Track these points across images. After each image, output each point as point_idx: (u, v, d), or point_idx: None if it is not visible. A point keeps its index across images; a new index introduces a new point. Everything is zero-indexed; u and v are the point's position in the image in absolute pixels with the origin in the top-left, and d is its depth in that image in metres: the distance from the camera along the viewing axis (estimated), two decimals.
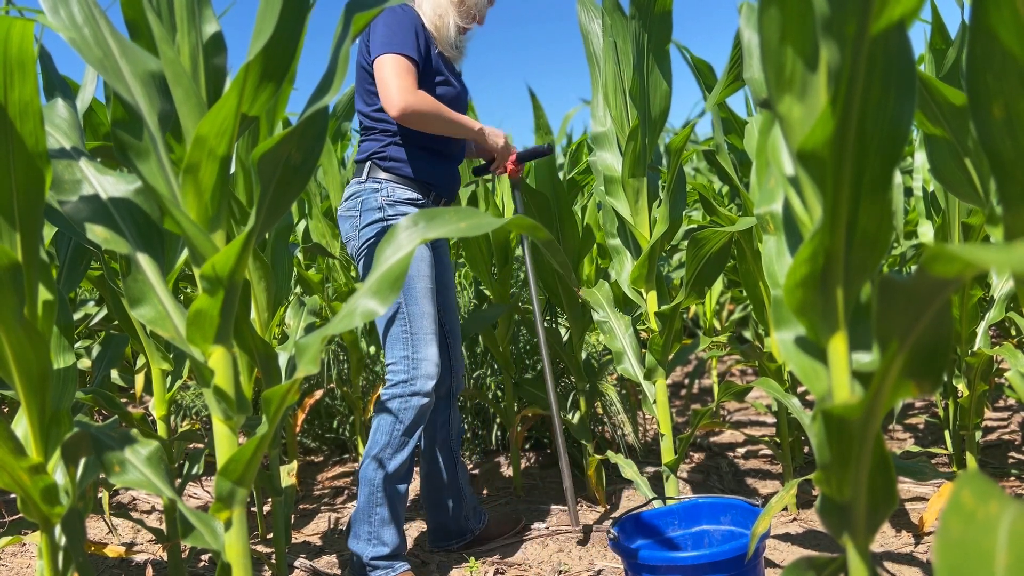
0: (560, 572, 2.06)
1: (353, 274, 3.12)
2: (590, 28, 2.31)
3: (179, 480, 1.98)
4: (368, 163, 2.09)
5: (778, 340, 0.81)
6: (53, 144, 1.12)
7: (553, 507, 2.56)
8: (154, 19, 0.98)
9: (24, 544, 2.34)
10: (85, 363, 2.98)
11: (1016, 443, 2.93)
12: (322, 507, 2.71)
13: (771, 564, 2.00)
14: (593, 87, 2.29)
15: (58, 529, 1.09)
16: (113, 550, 1.90)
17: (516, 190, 2.36)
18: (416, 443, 1.97)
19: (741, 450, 3.18)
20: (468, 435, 3.14)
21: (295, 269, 2.95)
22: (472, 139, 2.17)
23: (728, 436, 3.41)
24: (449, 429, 2.22)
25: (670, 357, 2.17)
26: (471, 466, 3.05)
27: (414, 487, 2.86)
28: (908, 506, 2.35)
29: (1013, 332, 3.05)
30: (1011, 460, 2.72)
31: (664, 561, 1.54)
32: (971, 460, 2.29)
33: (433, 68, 2.06)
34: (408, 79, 1.93)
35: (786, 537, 2.18)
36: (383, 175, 2.06)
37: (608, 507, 2.54)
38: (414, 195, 2.07)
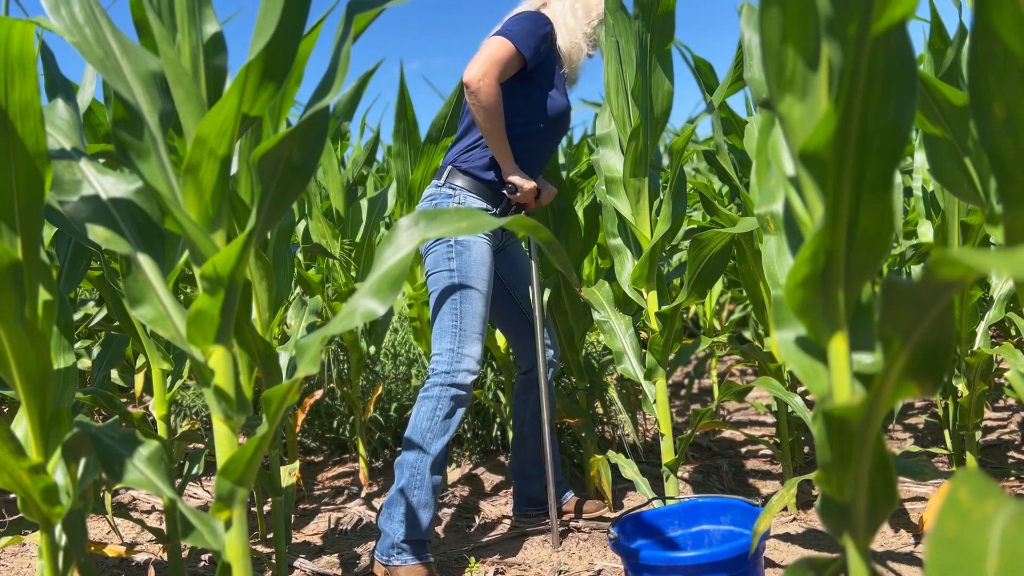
0: (560, 572, 2.06)
1: (353, 273, 3.12)
2: None
3: (179, 480, 1.98)
4: (449, 167, 2.15)
5: (778, 340, 0.81)
6: (53, 144, 1.12)
7: None
8: (154, 19, 0.98)
9: (24, 544, 2.34)
10: (85, 363, 2.97)
11: (1016, 443, 2.93)
12: (322, 507, 2.71)
13: (771, 564, 2.00)
14: None
15: (58, 529, 1.09)
16: (113, 550, 1.90)
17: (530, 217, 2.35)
18: (454, 432, 2.05)
19: (741, 450, 3.18)
20: (468, 435, 3.14)
21: (295, 269, 2.95)
22: (501, 167, 2.16)
23: (728, 436, 3.41)
24: (539, 407, 2.30)
25: (670, 357, 2.17)
26: (471, 466, 3.05)
27: None
28: (908, 506, 2.35)
29: (1013, 332, 3.05)
30: (1011, 460, 2.72)
31: (664, 561, 1.54)
32: (971, 460, 2.29)
33: (554, 80, 2.15)
34: (498, 68, 1.98)
35: (786, 537, 2.18)
36: (459, 182, 2.13)
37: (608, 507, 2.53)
38: (485, 205, 2.14)
